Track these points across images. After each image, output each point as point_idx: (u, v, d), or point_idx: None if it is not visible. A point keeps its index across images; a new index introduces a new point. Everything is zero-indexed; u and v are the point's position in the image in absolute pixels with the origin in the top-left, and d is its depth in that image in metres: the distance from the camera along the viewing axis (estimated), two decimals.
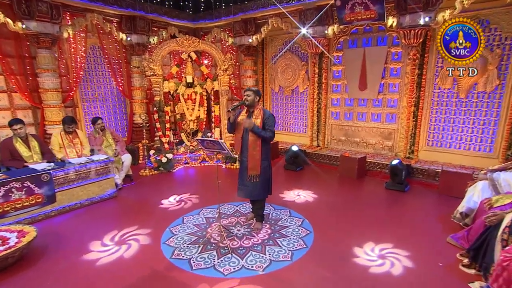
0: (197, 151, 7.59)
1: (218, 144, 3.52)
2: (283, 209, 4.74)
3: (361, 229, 4.06)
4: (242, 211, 4.70)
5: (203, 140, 3.66)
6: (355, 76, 6.91)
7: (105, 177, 5.25)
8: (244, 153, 3.80)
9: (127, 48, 7.77)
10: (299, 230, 4.05)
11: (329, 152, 7.21)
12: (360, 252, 3.49)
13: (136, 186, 5.94)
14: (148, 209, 4.84)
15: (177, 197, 5.31)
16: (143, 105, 8.18)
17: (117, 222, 4.38)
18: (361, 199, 5.16)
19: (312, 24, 6.78)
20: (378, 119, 6.86)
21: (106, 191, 5.29)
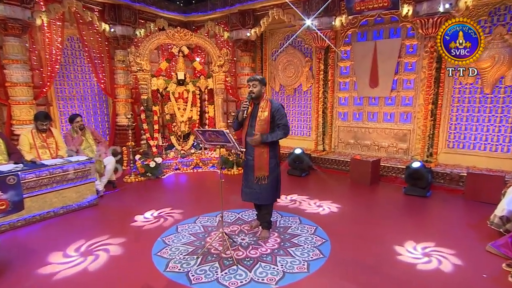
0: (189, 156, 7.31)
1: (223, 135, 3.27)
2: (292, 216, 4.52)
3: (384, 238, 3.83)
4: (244, 219, 4.46)
5: (204, 131, 3.41)
6: (365, 72, 6.80)
7: (84, 182, 4.94)
8: (250, 151, 3.64)
9: (110, 41, 7.56)
10: (313, 239, 3.81)
11: (337, 157, 7.02)
12: (385, 264, 3.22)
13: (120, 193, 5.67)
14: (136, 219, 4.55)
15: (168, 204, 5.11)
16: (127, 105, 7.94)
17: (95, 232, 4.04)
18: (378, 206, 4.96)
19: (317, 15, 6.70)
20: (391, 119, 6.73)
21: (85, 198, 4.96)
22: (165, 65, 7.45)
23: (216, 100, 7.63)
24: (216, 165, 7.20)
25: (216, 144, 3.45)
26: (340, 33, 7.08)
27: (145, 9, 7.89)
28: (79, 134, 5.50)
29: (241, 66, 8.45)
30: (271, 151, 3.63)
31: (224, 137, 3.28)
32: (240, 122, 3.65)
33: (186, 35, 7.31)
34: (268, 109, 3.56)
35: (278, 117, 3.53)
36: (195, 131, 3.51)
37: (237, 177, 6.56)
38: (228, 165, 6.98)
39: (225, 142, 3.33)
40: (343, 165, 6.83)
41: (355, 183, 6.12)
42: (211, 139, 3.44)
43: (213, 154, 7.44)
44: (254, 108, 3.64)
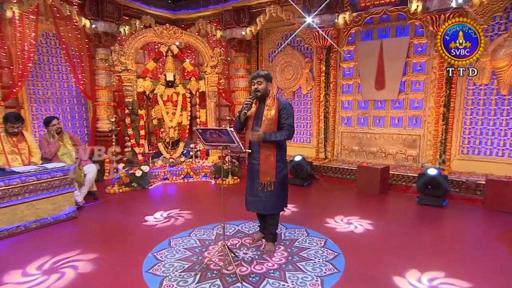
0: (178, 164, 7.11)
1: (226, 134, 3.10)
2: (298, 227, 4.35)
3: (402, 252, 3.69)
4: (245, 231, 4.29)
5: (205, 131, 3.24)
6: (370, 73, 6.77)
7: (62, 191, 4.68)
8: (255, 154, 3.52)
9: (91, 38, 7.38)
10: (324, 252, 3.66)
11: (341, 165, 6.92)
12: (404, 283, 3.04)
13: (102, 205, 5.44)
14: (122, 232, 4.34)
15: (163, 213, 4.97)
16: (109, 108, 7.72)
17: (68, 247, 3.79)
18: (391, 217, 4.84)
19: (319, 12, 6.65)
20: (399, 123, 6.69)
21: (63, 210, 4.70)
22: (153, 65, 7.32)
23: (209, 104, 7.52)
24: (208, 175, 7.01)
25: (217, 145, 3.30)
26: (343, 32, 7.06)
27: (130, 5, 7.76)
28: (56, 139, 5.26)
29: (235, 68, 8.36)
30: (278, 154, 3.51)
31: (228, 136, 3.13)
32: (242, 122, 3.54)
33: (176, 33, 7.22)
34: (275, 107, 3.45)
35: (284, 116, 3.44)
36: (194, 130, 3.34)
37: (232, 187, 6.43)
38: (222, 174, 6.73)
39: (228, 142, 3.20)
40: (348, 173, 6.72)
41: (362, 192, 6.01)
42: (212, 140, 3.28)
43: (205, 163, 7.26)
44: (259, 107, 3.52)
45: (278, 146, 3.49)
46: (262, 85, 3.46)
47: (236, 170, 6.89)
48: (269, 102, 3.47)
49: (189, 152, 7.51)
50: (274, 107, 3.45)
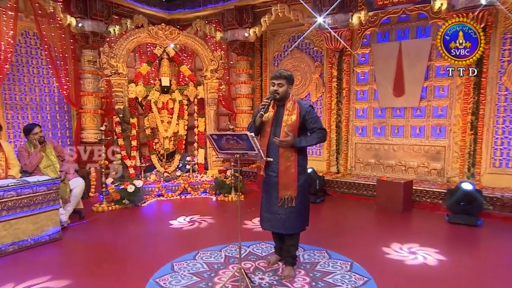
0: (174, 179, 6.94)
1: (246, 140, 2.97)
2: (318, 249, 4.19)
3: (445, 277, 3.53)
4: (257, 253, 4.10)
5: (220, 136, 3.11)
6: (388, 78, 6.71)
7: (46, 209, 4.45)
8: (272, 165, 3.41)
9: (77, 38, 7.24)
10: (351, 277, 3.51)
11: (356, 180, 6.81)
12: None
13: (89, 225, 5.25)
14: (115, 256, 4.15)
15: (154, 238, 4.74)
16: (96, 117, 7.54)
17: (61, 275, 3.55)
18: (421, 237, 4.64)
19: (331, 12, 6.60)
20: (421, 133, 6.60)
21: (46, 231, 4.46)
22: (146, 68, 7.25)
23: (208, 112, 7.42)
24: (208, 191, 6.85)
25: (234, 152, 3.18)
26: (357, 33, 7.02)
27: (121, 2, 7.66)
28: (38, 149, 5.06)
29: (236, 73, 8.30)
30: (300, 165, 3.40)
31: (247, 142, 3.01)
32: (258, 127, 3.44)
33: (172, 33, 7.15)
34: (296, 111, 3.37)
35: (310, 121, 3.37)
36: (207, 136, 3.19)
37: (236, 204, 6.31)
38: (224, 190, 6.65)
39: (247, 150, 3.08)
40: (364, 189, 6.61)
41: (383, 210, 5.87)
42: (229, 146, 3.16)
43: (204, 177, 7.07)
44: (278, 111, 3.44)
45: (300, 155, 3.41)
46: (283, 88, 3.38)
47: (240, 185, 6.66)
48: (290, 106, 3.39)
49: (185, 166, 7.35)
50: (295, 111, 3.36)
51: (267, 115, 3.41)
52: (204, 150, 7.39)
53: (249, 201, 6.33)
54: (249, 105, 8.33)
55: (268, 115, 3.41)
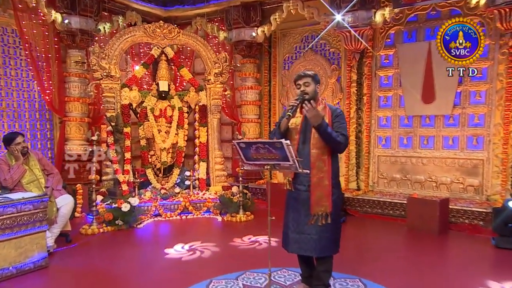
0: (172, 197, 6.82)
1: (280, 149, 2.89)
2: (350, 277, 4.06)
3: None
4: (280, 282, 3.95)
5: (249, 144, 3.03)
6: (415, 82, 6.66)
7: (31, 231, 4.23)
8: (302, 178, 3.37)
9: (63, 36, 7.15)
10: None
11: (380, 197, 6.71)
12: None
13: (78, 250, 5.07)
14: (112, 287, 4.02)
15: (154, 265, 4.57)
16: (83, 125, 7.42)
17: None
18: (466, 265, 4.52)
19: (351, 8, 6.56)
20: (454, 145, 6.54)
21: (30, 257, 4.24)
22: (142, 71, 7.26)
23: (211, 121, 7.37)
24: (212, 210, 6.70)
25: (263, 163, 3.12)
26: (379, 33, 7.00)
27: None
28: (20, 162, 4.85)
29: (242, 77, 8.24)
30: (333, 177, 3.38)
31: (281, 151, 2.94)
32: (283, 133, 3.41)
33: (172, 32, 7.14)
34: (327, 116, 3.33)
35: (337, 124, 3.35)
36: (234, 143, 3.08)
37: (244, 225, 6.24)
38: (231, 209, 6.49)
39: (280, 160, 3.02)
40: (391, 208, 6.51)
41: (416, 232, 5.73)
42: (258, 156, 3.09)
43: (207, 194, 6.95)
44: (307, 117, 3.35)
45: (333, 165, 3.38)
46: (311, 87, 3.34)
47: (248, 204, 6.61)
48: (320, 110, 3.31)
49: (183, 182, 7.21)
50: (327, 116, 3.33)
51: (295, 121, 3.37)
52: (205, 164, 7.24)
53: (259, 222, 6.23)
54: (256, 113, 8.25)
55: (295, 121, 3.37)
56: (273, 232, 3.28)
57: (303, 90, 3.31)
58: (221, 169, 7.40)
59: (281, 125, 3.37)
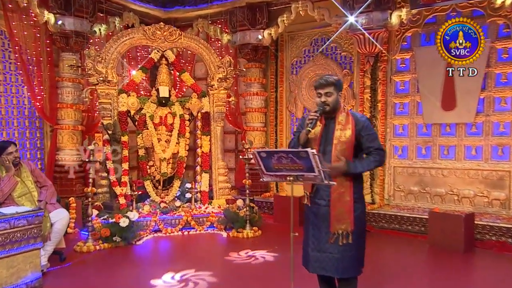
0: (173, 211, 6.74)
1: (305, 159, 2.82)
2: None
3: None
4: None
5: (271, 154, 2.95)
6: (434, 88, 6.65)
7: (24, 249, 4.10)
8: (322, 192, 3.32)
9: (56, 38, 7.16)
10: None
11: (397, 212, 6.66)
12: None
13: (73, 269, 4.99)
14: None
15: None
16: (76, 134, 7.42)
17: None
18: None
19: (365, 9, 6.54)
20: (478, 155, 6.51)
21: (23, 278, 4.10)
22: (141, 76, 7.23)
23: (214, 129, 7.34)
24: (216, 225, 6.60)
25: (286, 175, 3.04)
26: (395, 35, 7.00)
27: None
28: (11, 173, 4.77)
29: (246, 83, 8.23)
30: (356, 191, 3.31)
31: (305, 162, 2.87)
32: (302, 145, 3.32)
33: (173, 34, 7.10)
34: (350, 125, 3.27)
35: (366, 138, 3.27)
36: (254, 153, 3.04)
37: (251, 241, 6.12)
38: (237, 224, 6.39)
39: (305, 171, 2.95)
40: (409, 223, 6.44)
41: (439, 250, 5.63)
42: (280, 167, 3.01)
43: (210, 208, 6.87)
44: (327, 126, 3.35)
45: (356, 180, 3.32)
46: (333, 97, 3.28)
47: (255, 218, 6.52)
48: (342, 119, 3.30)
49: (184, 194, 7.14)
50: (350, 125, 3.27)
51: (313, 131, 3.30)
52: (208, 175, 7.18)
53: (267, 238, 6.19)
54: (262, 121, 8.22)
55: (314, 131, 3.30)
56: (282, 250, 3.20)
57: (324, 101, 3.25)
58: (225, 181, 7.31)
59: (301, 137, 3.31)
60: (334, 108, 3.28)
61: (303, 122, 3.43)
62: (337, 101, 3.30)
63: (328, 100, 3.25)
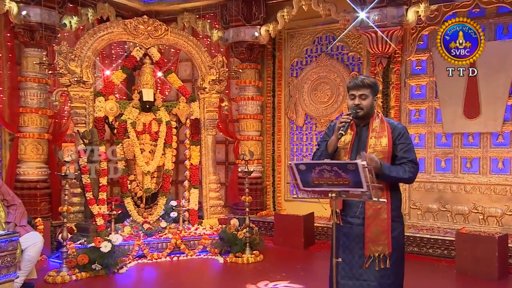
0: (159, 233, 6.61)
1: (353, 172, 2.73)
2: None
3: None
4: None
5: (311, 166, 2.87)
6: (455, 94, 6.69)
7: None
8: (355, 208, 3.31)
9: (19, 32, 6.98)
10: None
11: (416, 232, 6.64)
12: None
13: None
14: None
15: None
16: (41, 143, 7.21)
17: None
18: None
19: (378, 4, 6.54)
20: (505, 169, 6.53)
21: None
22: (121, 76, 7.05)
23: (205, 138, 7.28)
24: (209, 249, 6.50)
25: (328, 190, 2.94)
26: (410, 34, 7.05)
27: None
28: None
29: (240, 86, 8.20)
30: (393, 209, 3.30)
31: (353, 176, 2.78)
32: (330, 154, 3.36)
33: (158, 30, 7.05)
34: (386, 133, 3.30)
35: (402, 147, 3.29)
36: (291, 165, 2.93)
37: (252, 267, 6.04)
38: (236, 247, 6.29)
39: (350, 186, 2.87)
40: (430, 246, 6.41)
41: (469, 276, 5.58)
42: (321, 182, 2.92)
43: (200, 229, 6.78)
44: (359, 133, 3.39)
45: (393, 196, 3.31)
46: (368, 100, 3.31)
47: (256, 241, 6.43)
48: (376, 125, 3.34)
49: (168, 214, 7.06)
50: (385, 132, 3.30)
51: (343, 139, 3.32)
52: (197, 191, 7.11)
53: (271, 263, 6.13)
54: (258, 128, 8.18)
55: (344, 139, 3.33)
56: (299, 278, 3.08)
57: (358, 104, 3.26)
58: (217, 198, 7.25)
59: (330, 145, 3.31)
60: (368, 113, 3.30)
61: (330, 130, 3.44)
62: (372, 105, 3.33)
63: (363, 103, 3.26)
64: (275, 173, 8.17)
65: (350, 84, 3.38)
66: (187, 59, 8.72)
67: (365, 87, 3.29)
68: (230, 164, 8.54)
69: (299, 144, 8.20)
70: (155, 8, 8.43)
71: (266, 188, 8.01)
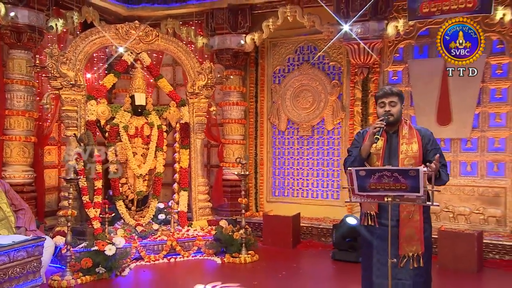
0: (152, 235, 6.47)
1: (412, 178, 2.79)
2: None
3: None
4: None
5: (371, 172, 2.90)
6: (429, 102, 6.87)
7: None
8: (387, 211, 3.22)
9: (5, 33, 6.74)
10: None
11: None
12: None
13: None
14: None
15: None
16: (27, 147, 6.94)
17: None
18: None
19: (361, 18, 6.69)
20: (473, 171, 6.75)
21: None
22: (113, 80, 6.88)
23: (194, 142, 7.24)
24: (204, 250, 6.41)
25: (384, 194, 2.96)
26: (387, 47, 7.18)
27: None
28: None
29: (224, 91, 8.12)
30: (425, 211, 3.37)
31: (412, 181, 2.83)
32: (363, 159, 3.40)
33: (149, 35, 6.98)
34: (416, 139, 3.36)
35: (434, 152, 3.29)
36: (350, 171, 2.95)
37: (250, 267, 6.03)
38: (233, 247, 6.25)
39: (408, 191, 2.90)
40: None
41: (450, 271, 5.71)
42: (378, 187, 2.94)
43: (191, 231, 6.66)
44: (390, 140, 3.43)
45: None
46: (397, 108, 3.37)
47: (251, 241, 6.43)
48: (406, 132, 3.39)
49: (156, 216, 6.93)
50: (415, 139, 3.36)
51: (375, 145, 3.34)
52: (187, 194, 7.02)
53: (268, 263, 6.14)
54: (241, 133, 8.09)
55: (376, 145, 3.34)
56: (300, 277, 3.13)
57: (388, 111, 3.32)
58: (205, 200, 7.19)
59: (364, 150, 3.33)
60: (397, 119, 3.36)
61: (360, 137, 3.50)
62: (400, 112, 3.39)
63: (393, 110, 3.33)
64: (257, 176, 8.13)
65: (380, 93, 3.44)
66: (168, 64, 8.67)
67: (394, 95, 3.37)
68: (212, 167, 8.46)
69: (281, 147, 8.21)
70: (138, 14, 8.17)
71: (249, 190, 8.00)
